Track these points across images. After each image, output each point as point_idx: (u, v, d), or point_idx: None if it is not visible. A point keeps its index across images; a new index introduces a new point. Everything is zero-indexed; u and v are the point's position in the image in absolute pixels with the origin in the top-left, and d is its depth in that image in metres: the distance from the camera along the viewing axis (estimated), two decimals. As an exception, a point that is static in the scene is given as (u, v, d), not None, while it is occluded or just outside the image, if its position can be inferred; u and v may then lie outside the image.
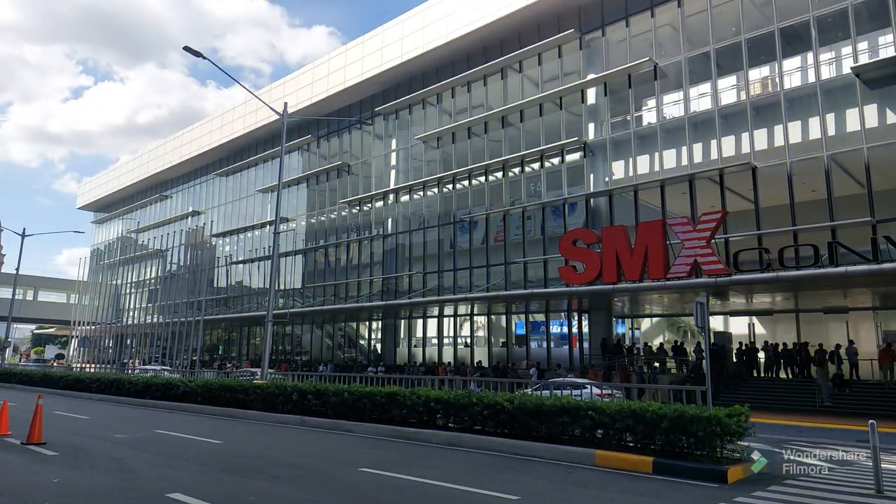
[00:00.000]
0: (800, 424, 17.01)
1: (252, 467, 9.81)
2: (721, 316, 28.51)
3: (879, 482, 8.37)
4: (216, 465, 9.95)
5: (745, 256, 21.60)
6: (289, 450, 11.87)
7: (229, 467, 9.75)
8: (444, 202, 33.96)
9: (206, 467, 9.73)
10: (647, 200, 25.95)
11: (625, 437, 10.74)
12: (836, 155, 21.41)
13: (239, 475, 9.09)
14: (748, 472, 9.47)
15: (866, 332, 24.21)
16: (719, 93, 24.71)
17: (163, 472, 9.25)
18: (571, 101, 29.51)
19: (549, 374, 26.42)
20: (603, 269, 23.45)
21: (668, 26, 26.72)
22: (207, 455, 10.94)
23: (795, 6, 22.98)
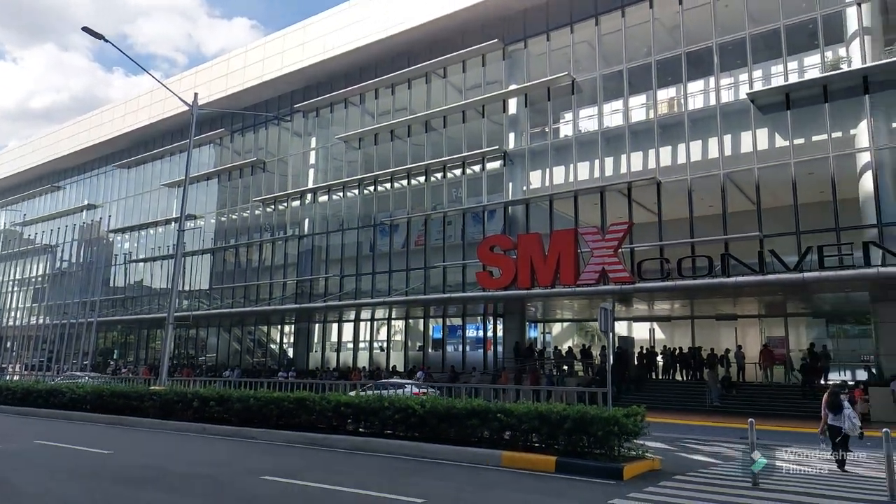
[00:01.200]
0: (691, 423, 18.15)
1: (145, 478, 9.34)
2: (625, 321, 29.95)
3: (756, 476, 9.11)
4: (106, 477, 9.40)
5: (648, 266, 22.82)
6: (186, 459, 11.40)
7: (120, 479, 9.25)
8: (364, 204, 33.73)
9: (94, 480, 9.16)
10: (562, 210, 26.88)
11: (531, 438, 11.06)
12: (732, 173, 23.04)
13: (130, 487, 8.65)
14: (643, 469, 10.04)
15: (752, 337, 26.18)
16: (630, 110, 26.00)
17: (47, 486, 8.65)
18: (493, 110, 30.12)
19: (464, 378, 26.82)
20: (518, 274, 24.06)
21: (586, 43, 27.84)
22: (97, 467, 10.31)
23: (701, 32, 24.55)
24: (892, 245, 18.89)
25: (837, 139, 21.16)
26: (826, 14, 22.00)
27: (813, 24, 22.26)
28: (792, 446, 13.70)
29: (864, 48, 21.05)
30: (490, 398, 13.68)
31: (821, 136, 21.39)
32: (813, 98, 21.58)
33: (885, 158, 20.40)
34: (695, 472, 10.37)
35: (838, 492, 8.91)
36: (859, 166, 20.75)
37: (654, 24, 25.59)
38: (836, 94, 21.21)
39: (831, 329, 25.37)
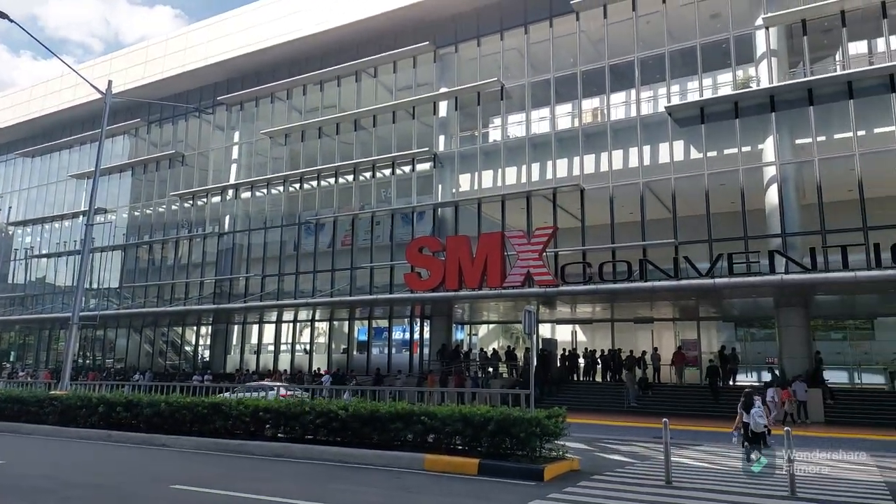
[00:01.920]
0: (610, 424, 18.70)
1: (39, 489, 8.62)
2: (549, 324, 30.60)
3: (669, 474, 9.44)
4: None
5: (571, 269, 23.41)
6: (87, 468, 10.64)
7: (11, 490, 8.48)
8: (289, 202, 32.82)
9: (-19, 490, 8.37)
10: (490, 213, 27.17)
11: (454, 441, 11.01)
12: (650, 182, 23.99)
13: (23, 499, 7.93)
14: (563, 470, 10.19)
15: (668, 340, 27.34)
16: (556, 118, 26.62)
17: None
18: (424, 112, 30.07)
19: (389, 380, 26.55)
20: (446, 276, 24.09)
21: (516, 51, 28.29)
22: (-15, 476, 9.44)
23: (623, 46, 25.45)
24: (794, 254, 20.22)
25: (747, 153, 22.45)
26: (738, 35, 23.32)
27: (726, 43, 23.55)
28: (703, 445, 14.41)
29: (772, 69, 22.46)
30: (415, 401, 13.55)
31: (732, 149, 22.63)
32: (725, 113, 22.80)
33: (789, 173, 21.82)
34: (612, 471, 10.63)
35: (745, 488, 9.35)
36: (766, 179, 22.10)
37: (581, 36, 26.32)
38: (746, 111, 22.50)
39: (739, 332, 26.87)
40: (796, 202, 21.79)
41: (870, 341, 24.21)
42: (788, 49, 23.24)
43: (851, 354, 24.05)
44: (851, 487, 9.53)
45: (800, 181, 21.96)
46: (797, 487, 8.72)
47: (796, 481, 8.80)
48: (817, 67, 22.63)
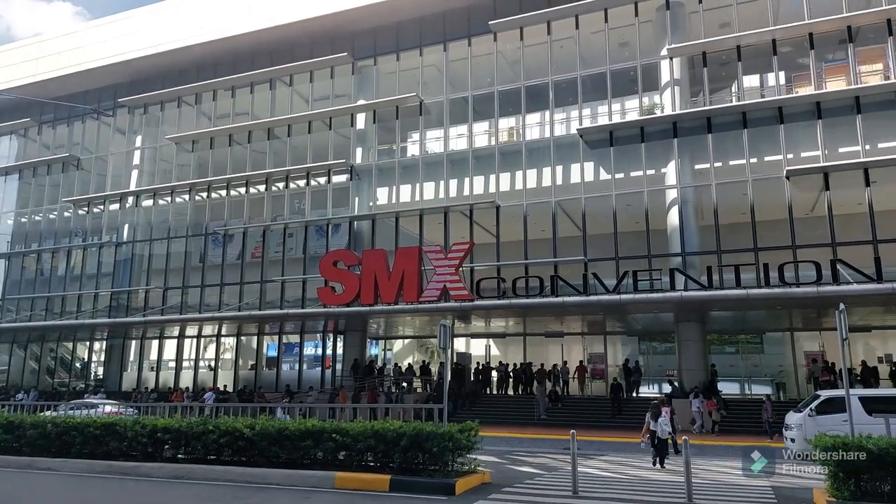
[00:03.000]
0: (521, 436, 18.96)
1: None
2: (464, 338, 30.81)
3: (576, 485, 9.63)
4: None
5: (486, 284, 23.73)
6: (-44, 497, 9.53)
7: None
8: (195, 211, 31.35)
9: None
10: (407, 227, 27.10)
11: (366, 458, 10.81)
12: (562, 201, 24.80)
13: None
14: (475, 483, 10.18)
15: (576, 353, 28.21)
16: (474, 136, 27.04)
17: None
18: (341, 123, 29.70)
19: (299, 397, 25.74)
20: (361, 290, 23.75)
21: (434, 67, 28.58)
22: None
23: (539, 69, 26.31)
24: (693, 272, 21.45)
25: (651, 176, 23.69)
26: (645, 64, 24.69)
27: (634, 71, 24.86)
28: (609, 454, 14.86)
29: (675, 97, 23.90)
30: (325, 417, 13.20)
31: (638, 172, 23.81)
32: (632, 138, 24.01)
33: (689, 196, 23.20)
34: (522, 483, 10.73)
35: (646, 495, 9.68)
36: (668, 201, 23.38)
37: (498, 56, 26.97)
38: (651, 136, 23.79)
39: (643, 346, 28.12)
40: (695, 223, 23.17)
41: (759, 355, 26.01)
42: (690, 79, 24.83)
43: (743, 367, 25.73)
44: (742, 492, 10.08)
45: (699, 204, 23.39)
46: (694, 494, 9.11)
47: (693, 488, 9.19)
48: (716, 97, 24.31)
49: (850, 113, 21.13)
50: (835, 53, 22.73)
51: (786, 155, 21.64)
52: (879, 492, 7.94)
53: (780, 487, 10.49)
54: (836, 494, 8.21)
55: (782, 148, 21.69)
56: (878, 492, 7.95)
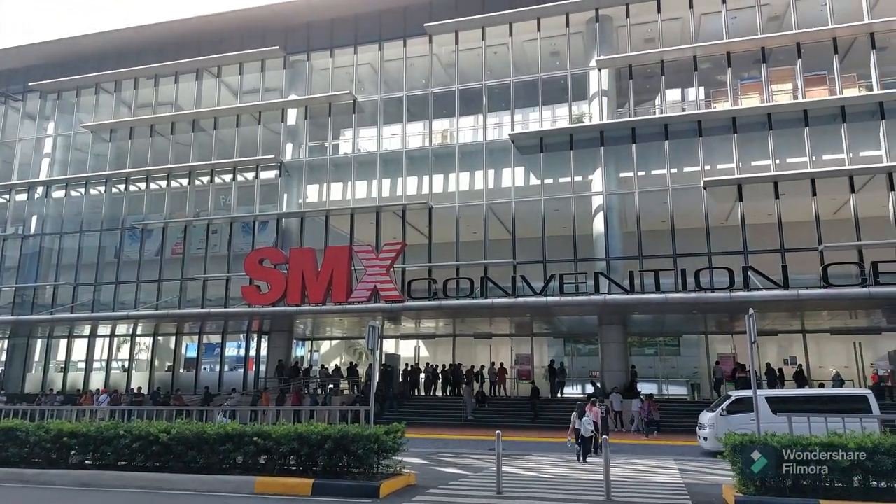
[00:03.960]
0: (449, 438, 19.01)
1: None
2: (393, 339, 30.64)
3: (500, 485, 9.73)
4: None
5: (418, 285, 23.69)
6: None
7: None
8: (112, 204, 29.73)
9: None
10: (338, 226, 26.70)
11: (288, 461, 10.54)
12: (493, 205, 25.11)
13: None
14: (400, 485, 10.10)
15: (504, 355, 28.60)
16: (408, 136, 26.96)
17: None
18: (271, 118, 28.93)
19: (220, 400, 24.81)
20: (288, 290, 23.20)
21: (369, 66, 28.31)
22: None
23: (473, 73, 26.56)
24: (616, 276, 22.18)
25: (579, 182, 24.36)
26: (574, 74, 25.36)
27: (564, 80, 25.48)
28: (533, 454, 15.12)
29: (602, 107, 24.67)
30: (247, 420, 12.77)
31: (566, 178, 24.42)
32: (561, 145, 24.61)
33: (614, 203, 24.00)
34: (447, 484, 10.73)
35: (568, 493, 9.90)
36: (594, 207, 24.11)
37: (433, 59, 27.03)
38: (580, 144, 24.46)
39: (567, 348, 28.83)
40: (619, 229, 23.99)
41: (676, 357, 27.20)
42: (617, 90, 25.70)
43: (661, 368, 26.84)
44: (658, 489, 10.48)
45: (623, 211, 24.24)
46: (612, 491, 9.39)
47: (612, 486, 9.47)
48: (640, 109, 25.24)
49: (762, 129, 22.48)
50: (750, 72, 24.11)
51: (703, 166, 22.75)
52: (781, 487, 8.42)
53: (693, 484, 10.98)
54: (742, 490, 8.65)
55: (700, 159, 22.79)
56: (781, 487, 8.42)
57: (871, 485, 8.11)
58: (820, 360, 24.77)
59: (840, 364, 24.72)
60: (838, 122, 21.83)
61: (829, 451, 8.19)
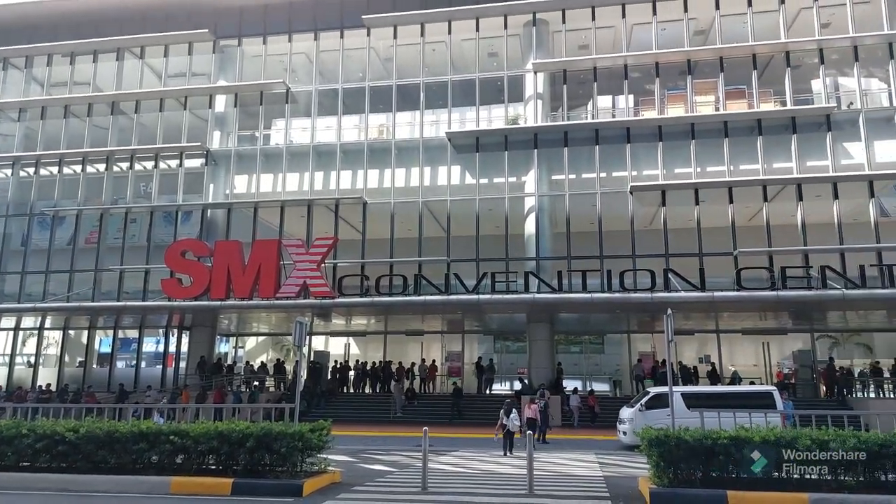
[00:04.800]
0: (377, 435, 18.87)
1: None
2: (323, 336, 30.11)
3: (425, 481, 9.71)
4: None
5: (349, 282, 23.37)
6: None
7: None
8: (20, 188, 27.85)
9: None
10: (267, 219, 26.01)
11: (207, 460, 10.16)
12: (428, 202, 25.11)
13: None
14: (324, 483, 9.91)
15: (435, 352, 28.67)
16: (343, 129, 26.54)
17: None
18: (198, 104, 27.85)
19: (135, 397, 23.66)
20: (212, 284, 22.39)
21: (304, 55, 27.68)
22: None
23: (411, 69, 26.44)
24: (545, 276, 22.64)
25: (512, 183, 24.72)
26: (511, 76, 25.73)
27: (501, 81, 25.80)
28: (460, 450, 15.20)
29: (537, 110, 25.13)
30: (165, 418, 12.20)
31: (501, 178, 24.73)
32: (497, 145, 24.89)
33: (545, 204, 24.49)
34: (373, 481, 10.63)
35: (492, 488, 10.00)
36: (526, 208, 24.52)
37: (371, 52, 26.73)
38: (514, 145, 24.82)
39: (497, 345, 29.20)
40: (549, 230, 24.51)
41: (600, 354, 28.03)
42: (551, 94, 26.19)
43: (585, 366, 27.59)
44: (578, 483, 10.75)
45: (553, 212, 24.78)
46: (535, 485, 9.55)
47: (535, 480, 9.63)
48: (573, 114, 25.90)
49: (686, 138, 23.51)
50: (676, 82, 25.15)
51: (631, 172, 23.58)
52: (693, 479, 8.81)
53: (611, 477, 11.33)
54: (657, 482, 8.99)
55: (628, 165, 23.60)
56: (692, 479, 8.81)
57: (774, 476, 8.60)
58: (731, 359, 26.15)
59: (749, 363, 26.19)
60: (755, 135, 23.12)
61: (735, 444, 8.61)
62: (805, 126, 22.96)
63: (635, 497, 9.28)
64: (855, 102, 23.20)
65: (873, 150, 22.45)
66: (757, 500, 8.31)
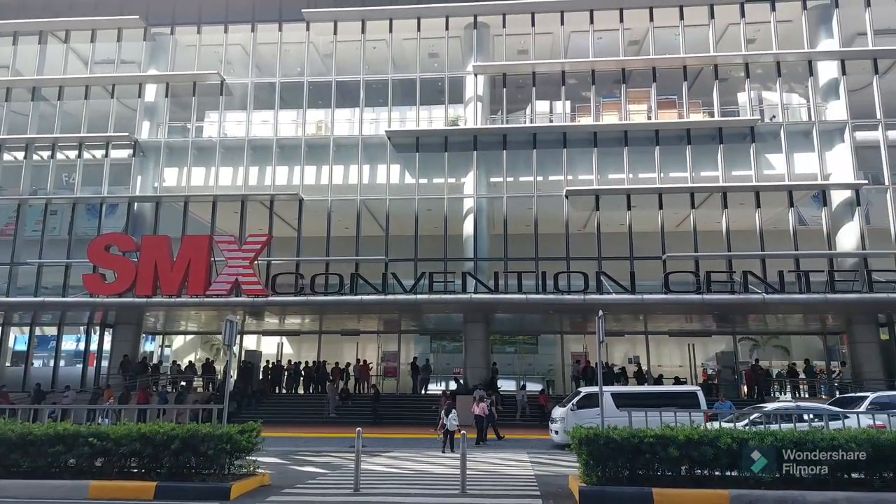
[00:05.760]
0: (308, 436, 18.57)
1: None
2: (255, 335, 29.35)
3: (357, 482, 9.62)
4: None
5: (283, 280, 22.89)
6: None
7: None
8: (-76, 175, 25.77)
9: None
10: (198, 214, 25.14)
11: (129, 464, 9.79)
12: (367, 200, 24.91)
13: None
14: (253, 486, 9.67)
15: (371, 352, 28.46)
16: (279, 124, 25.95)
17: None
18: (126, 93, 26.66)
19: (53, 398, 22.39)
20: (138, 280, 21.47)
21: (240, 47, 26.91)
22: None
23: (351, 66, 26.16)
24: (482, 276, 22.88)
25: (452, 184, 24.82)
26: (452, 77, 25.86)
27: (441, 82, 25.90)
28: (395, 451, 15.15)
29: (477, 112, 25.34)
30: (84, 420, 11.64)
31: (440, 179, 24.80)
32: (437, 146, 24.95)
33: (484, 206, 24.72)
34: (303, 483, 10.45)
35: (425, 488, 10.02)
36: (465, 209, 24.68)
37: (310, 46, 26.28)
38: (454, 146, 24.94)
39: (434, 345, 29.26)
40: (487, 232, 24.78)
41: (534, 355, 28.56)
42: (491, 97, 26.47)
43: (519, 365, 28.05)
44: (510, 481, 10.92)
45: (492, 214, 25.05)
46: (468, 485, 9.63)
47: (467, 479, 9.71)
48: (512, 117, 26.28)
49: (619, 144, 24.25)
50: (611, 90, 25.90)
51: (567, 176, 24.12)
52: (620, 476, 9.07)
53: (542, 475, 11.55)
54: (586, 480, 9.21)
55: (564, 169, 24.14)
56: (620, 477, 9.07)
57: (697, 473, 8.95)
58: (659, 360, 27.18)
59: (675, 363, 27.29)
60: (684, 144, 24.10)
61: (660, 442, 8.91)
62: (731, 137, 24.10)
63: (565, 495, 9.48)
64: (777, 116, 24.55)
65: (793, 161, 23.81)
66: (680, 496, 8.61)
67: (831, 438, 8.73)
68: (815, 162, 23.55)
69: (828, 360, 25.97)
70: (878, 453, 8.58)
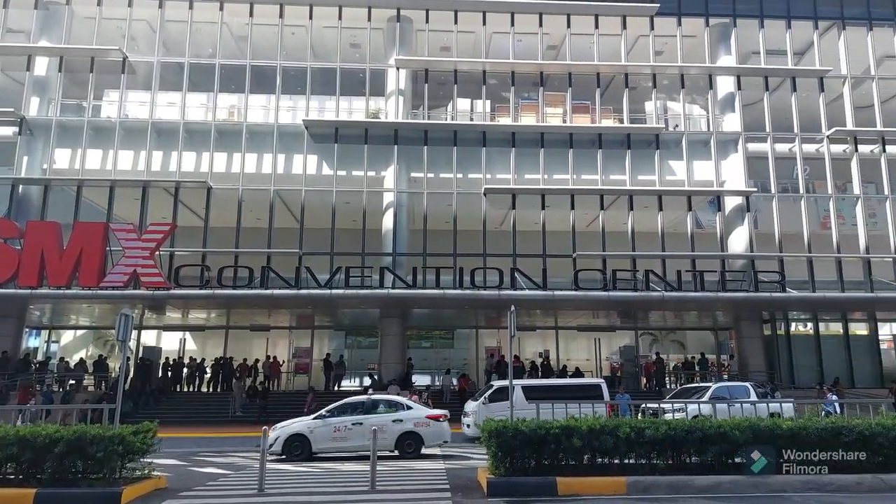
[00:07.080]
0: (212, 435, 17.72)
1: None
2: (155, 330, 27.69)
3: (262, 482, 9.22)
4: None
5: (188, 272, 21.71)
6: None
7: None
8: None
9: None
10: (94, 199, 23.47)
11: (5, 469, 8.92)
12: (281, 191, 24.09)
13: None
14: (147, 490, 9.06)
15: (282, 348, 27.57)
16: (187, 107, 24.59)
17: None
18: (13, 65, 24.50)
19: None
20: (21, 269, 19.75)
21: (146, 23, 25.28)
22: None
23: (268, 51, 25.20)
24: (401, 271, 22.71)
25: (371, 178, 24.45)
26: (373, 69, 25.45)
27: (363, 74, 25.43)
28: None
29: (398, 106, 25.09)
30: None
31: (359, 172, 24.36)
32: (356, 138, 24.50)
33: (404, 200, 24.54)
34: (203, 486, 9.91)
35: (332, 486, 9.76)
36: (385, 203, 24.39)
37: (223, 27, 25.08)
38: (374, 139, 24.57)
39: (349, 340, 28.72)
40: (407, 227, 24.61)
41: (449, 349, 28.69)
42: (413, 92, 26.27)
43: (435, 360, 28.09)
44: (421, 476, 10.85)
45: (411, 209, 24.91)
46: (377, 481, 9.46)
47: (377, 475, 9.54)
48: (434, 113, 26.19)
49: (536, 146, 24.77)
50: (529, 92, 26.39)
51: (485, 174, 24.38)
52: (526, 467, 9.22)
53: (453, 469, 11.57)
54: (494, 472, 9.29)
55: (483, 168, 24.38)
56: (526, 467, 9.22)
57: (598, 461, 9.27)
58: (568, 354, 28.07)
59: (583, 357, 28.25)
60: (595, 147, 24.96)
61: (565, 433, 9.14)
62: (638, 143, 25.23)
63: (474, 487, 9.51)
64: (679, 125, 25.91)
65: (693, 168, 25.24)
66: (583, 484, 8.89)
67: (718, 426, 9.27)
68: (712, 169, 25.11)
69: (718, 353, 27.77)
70: (758, 438, 9.18)
